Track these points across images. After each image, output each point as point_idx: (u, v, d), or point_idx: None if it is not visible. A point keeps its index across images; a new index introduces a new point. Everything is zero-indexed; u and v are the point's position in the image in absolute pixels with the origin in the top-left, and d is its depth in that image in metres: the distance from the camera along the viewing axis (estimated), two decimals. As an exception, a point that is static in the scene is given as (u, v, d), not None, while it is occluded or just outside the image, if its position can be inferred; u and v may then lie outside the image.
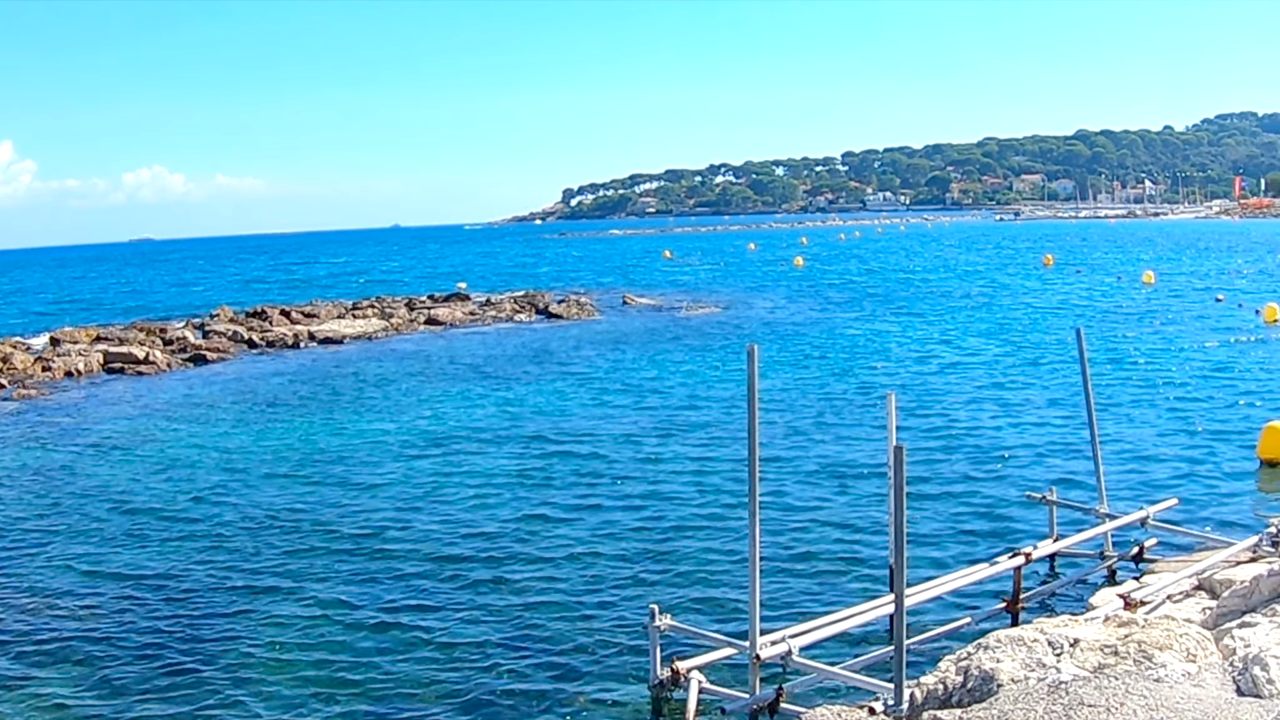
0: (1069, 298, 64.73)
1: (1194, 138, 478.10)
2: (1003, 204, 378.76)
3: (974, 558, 16.26)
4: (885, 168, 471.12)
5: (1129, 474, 22.18)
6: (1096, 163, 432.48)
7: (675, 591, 16.39)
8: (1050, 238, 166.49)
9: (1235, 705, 7.08)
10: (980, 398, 31.53)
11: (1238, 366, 35.83)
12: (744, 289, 79.66)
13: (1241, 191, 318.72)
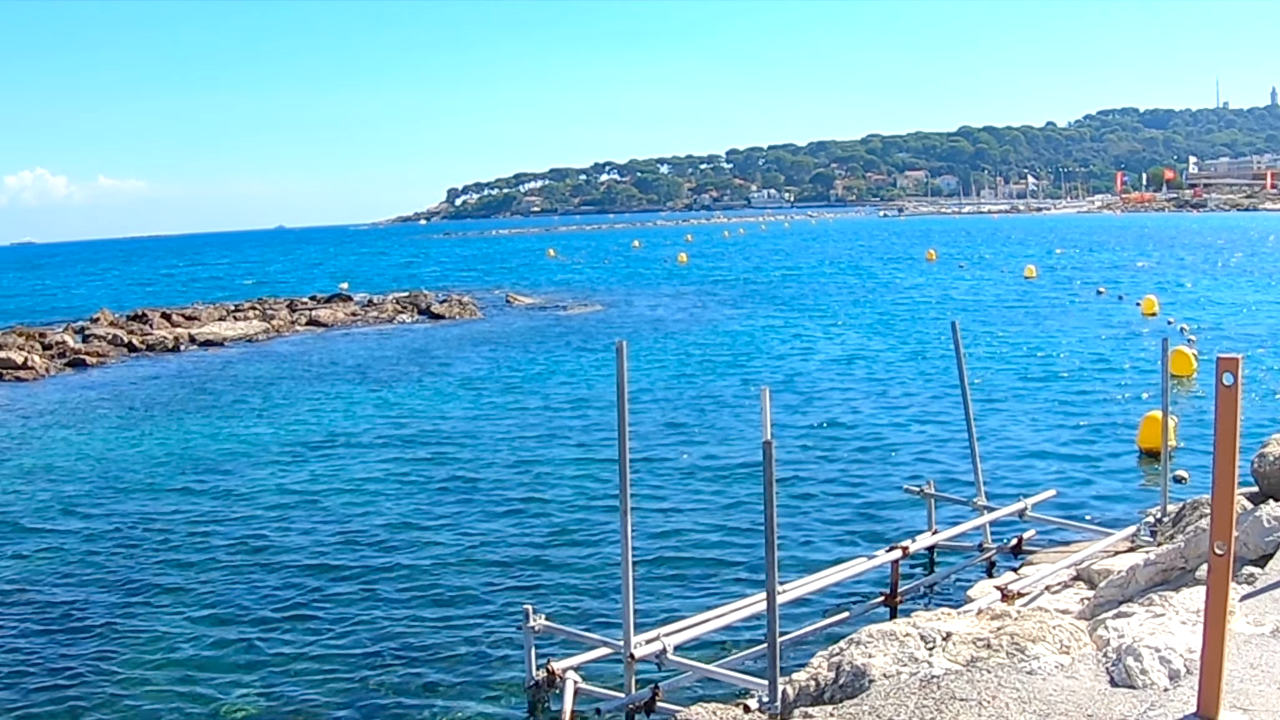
0: (952, 292, 65.58)
1: (1076, 133, 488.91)
2: (887, 200, 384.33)
3: (855, 553, 16.17)
4: (770, 165, 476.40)
5: (1010, 467, 22.33)
6: (980, 159, 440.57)
7: (554, 592, 16.23)
8: (934, 233, 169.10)
9: (1109, 696, 6.97)
10: (862, 393, 31.67)
11: (1118, 358, 36.39)
12: (628, 287, 79.76)
13: (1123, 186, 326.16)
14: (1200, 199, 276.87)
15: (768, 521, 10.79)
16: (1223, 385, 5.94)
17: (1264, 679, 6.91)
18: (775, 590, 10.92)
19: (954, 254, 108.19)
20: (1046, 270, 79.92)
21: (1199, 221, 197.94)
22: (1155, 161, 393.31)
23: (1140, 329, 43.96)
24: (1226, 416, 6.01)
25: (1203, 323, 45.24)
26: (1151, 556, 11.02)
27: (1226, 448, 6.06)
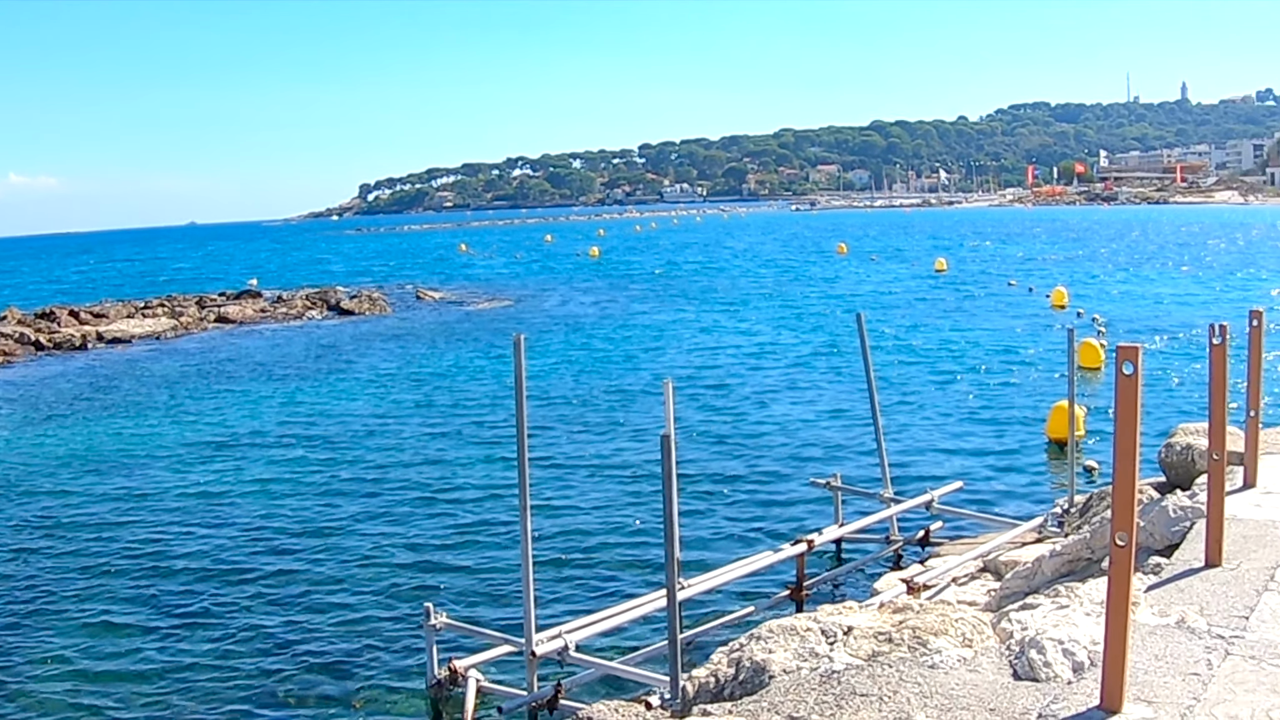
0: (863, 286, 65.99)
1: (988, 127, 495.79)
2: (799, 194, 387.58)
3: (762, 547, 16.04)
4: (682, 160, 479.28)
5: (919, 459, 22.37)
6: (892, 153, 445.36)
7: (458, 591, 16.07)
8: (846, 227, 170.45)
9: (1011, 689, 6.83)
10: (771, 386, 31.65)
11: (1028, 350, 36.67)
12: (539, 281, 79.64)
13: (1034, 180, 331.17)
14: (1111, 192, 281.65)
15: (667, 517, 10.64)
16: (1123, 374, 5.81)
17: (1168, 670, 6.80)
18: (675, 587, 10.80)
19: (866, 247, 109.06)
20: (957, 263, 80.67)
21: (1110, 214, 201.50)
22: (1066, 155, 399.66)
23: (1050, 321, 44.36)
24: (1127, 406, 5.87)
25: (1113, 314, 45.80)
26: (1057, 548, 10.94)
27: (1127, 438, 5.93)
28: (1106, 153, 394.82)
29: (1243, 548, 9.13)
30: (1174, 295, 54.87)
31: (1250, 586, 8.23)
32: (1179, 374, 29.85)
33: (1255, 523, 9.86)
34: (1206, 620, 7.59)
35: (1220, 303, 49.51)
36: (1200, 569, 8.70)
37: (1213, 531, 8.69)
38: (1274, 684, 6.50)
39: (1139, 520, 10.48)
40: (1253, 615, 7.64)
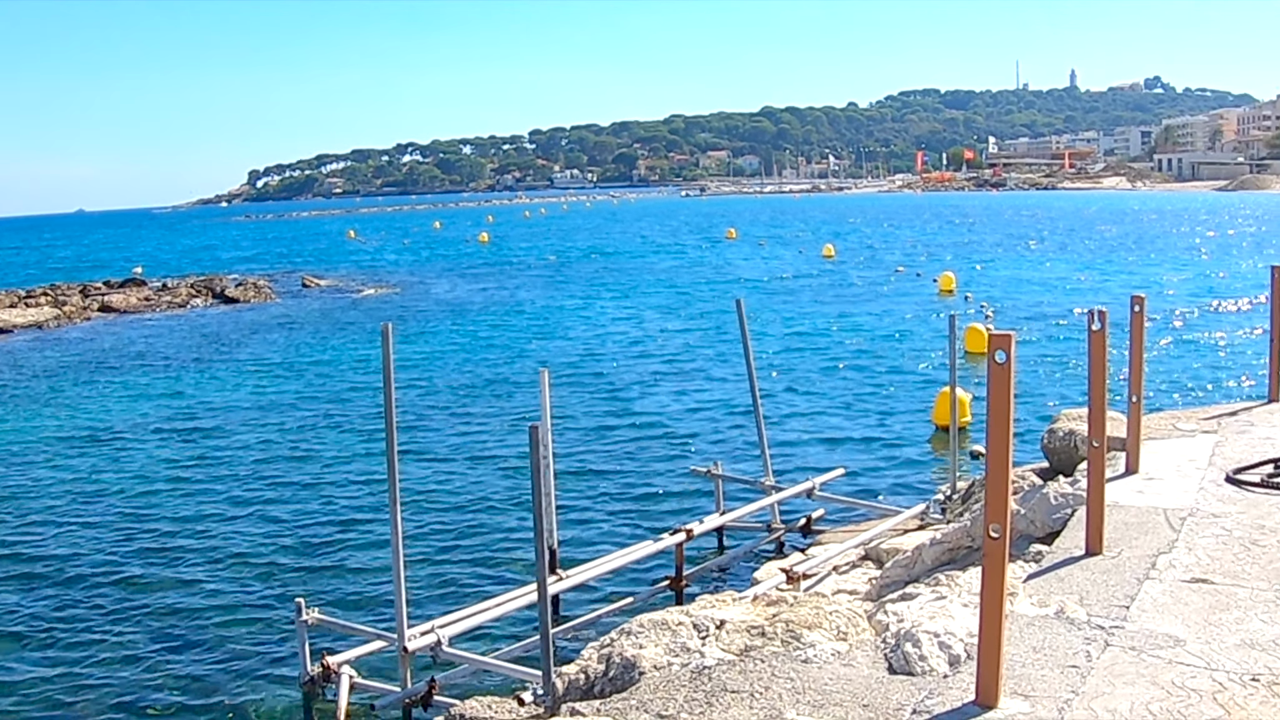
0: (751, 272, 66.14)
1: (878, 114, 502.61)
2: (689, 180, 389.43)
3: (645, 536, 15.89)
4: (573, 146, 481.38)
5: (805, 447, 22.38)
6: (782, 139, 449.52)
7: (333, 585, 15.83)
8: (735, 213, 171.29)
9: (886, 684, 6.69)
10: (656, 373, 31.52)
11: (915, 336, 36.91)
12: (427, 268, 79.13)
13: (923, 166, 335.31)
14: (1000, 178, 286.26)
15: (536, 510, 10.45)
16: (995, 363, 5.67)
17: (1047, 663, 6.68)
18: (545, 579, 10.61)
19: (755, 233, 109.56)
20: (846, 249, 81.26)
21: (998, 200, 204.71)
22: (956, 141, 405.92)
23: (938, 306, 44.74)
24: (999, 394, 5.74)
25: (1001, 299, 46.33)
26: (938, 536, 10.85)
27: (1000, 426, 5.79)
28: (996, 139, 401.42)
29: (1124, 535, 9.07)
30: (1062, 280, 55.70)
31: (1131, 575, 8.16)
32: (1066, 359, 30.18)
33: (1137, 509, 9.82)
34: (1086, 610, 7.50)
35: (1107, 288, 50.30)
36: (1081, 557, 8.62)
37: (1093, 520, 8.62)
38: (1154, 676, 6.40)
39: (1019, 508, 10.43)
40: (1133, 605, 7.56)
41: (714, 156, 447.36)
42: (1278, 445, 12.06)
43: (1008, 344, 5.64)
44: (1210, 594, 7.73)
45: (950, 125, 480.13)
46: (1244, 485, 10.47)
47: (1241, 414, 14.22)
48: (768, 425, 23.19)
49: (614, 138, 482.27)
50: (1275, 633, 6.99)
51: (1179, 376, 28.42)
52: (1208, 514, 9.62)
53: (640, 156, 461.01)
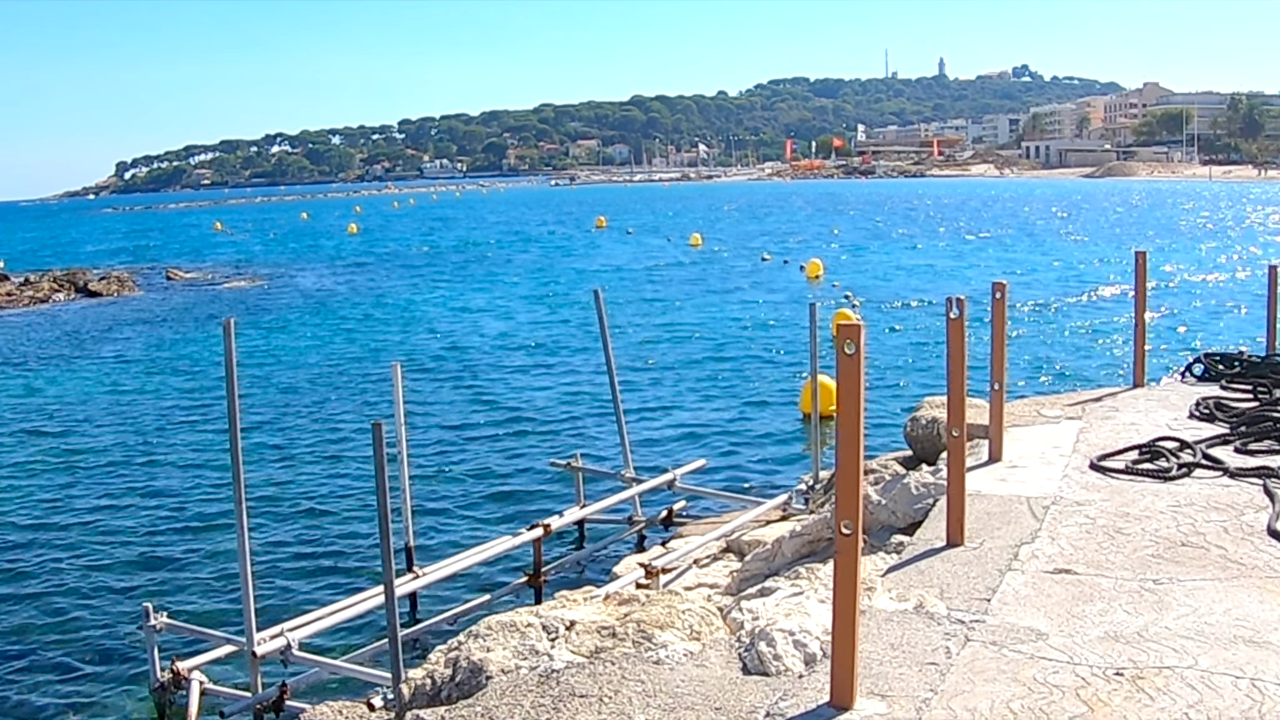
0: (618, 261, 66.05)
1: (747, 102, 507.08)
2: (559, 169, 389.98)
3: (504, 532, 15.56)
4: (442, 135, 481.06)
5: (670, 439, 22.18)
6: (652, 127, 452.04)
7: (185, 589, 15.33)
8: (605, 202, 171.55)
9: (740, 685, 6.47)
10: (521, 365, 31.17)
11: (782, 323, 36.98)
12: (293, 259, 78.02)
13: (793, 154, 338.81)
14: (869, 166, 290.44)
15: (380, 507, 10.35)
16: (844, 354, 5.46)
17: (905, 660, 6.50)
18: (392, 580, 10.41)
19: (624, 222, 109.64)
20: (713, 238, 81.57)
21: (867, 188, 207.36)
22: (825, 130, 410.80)
23: (805, 294, 44.90)
24: (849, 386, 5.53)
25: (868, 286, 46.68)
26: (798, 528, 10.69)
27: (850, 419, 5.58)
28: (865, 127, 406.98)
29: (986, 525, 8.95)
30: (931, 267, 56.38)
31: (993, 566, 8.03)
32: (933, 346, 30.41)
33: (999, 498, 9.73)
34: (946, 604, 7.34)
35: (976, 275, 50.91)
36: (942, 548, 8.48)
37: (953, 510, 8.48)
38: (1015, 672, 6.25)
39: (881, 498, 10.29)
40: (994, 597, 7.42)
41: (584, 145, 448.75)
42: (1142, 431, 12.09)
43: (856, 335, 5.43)
44: (1073, 585, 7.62)
45: (820, 113, 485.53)
46: (1108, 472, 10.44)
47: (1106, 400, 14.28)
48: (631, 417, 23.02)
49: (484, 127, 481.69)
50: (1139, 624, 6.88)
51: (1045, 363, 28.82)
52: (1071, 502, 9.55)
53: (510, 146, 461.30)
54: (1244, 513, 9.09)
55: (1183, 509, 9.24)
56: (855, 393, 5.52)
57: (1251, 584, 7.52)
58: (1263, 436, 11.43)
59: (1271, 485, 9.69)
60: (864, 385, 5.56)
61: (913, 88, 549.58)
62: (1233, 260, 56.82)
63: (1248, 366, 14.93)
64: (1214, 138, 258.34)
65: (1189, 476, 10.24)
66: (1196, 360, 15.77)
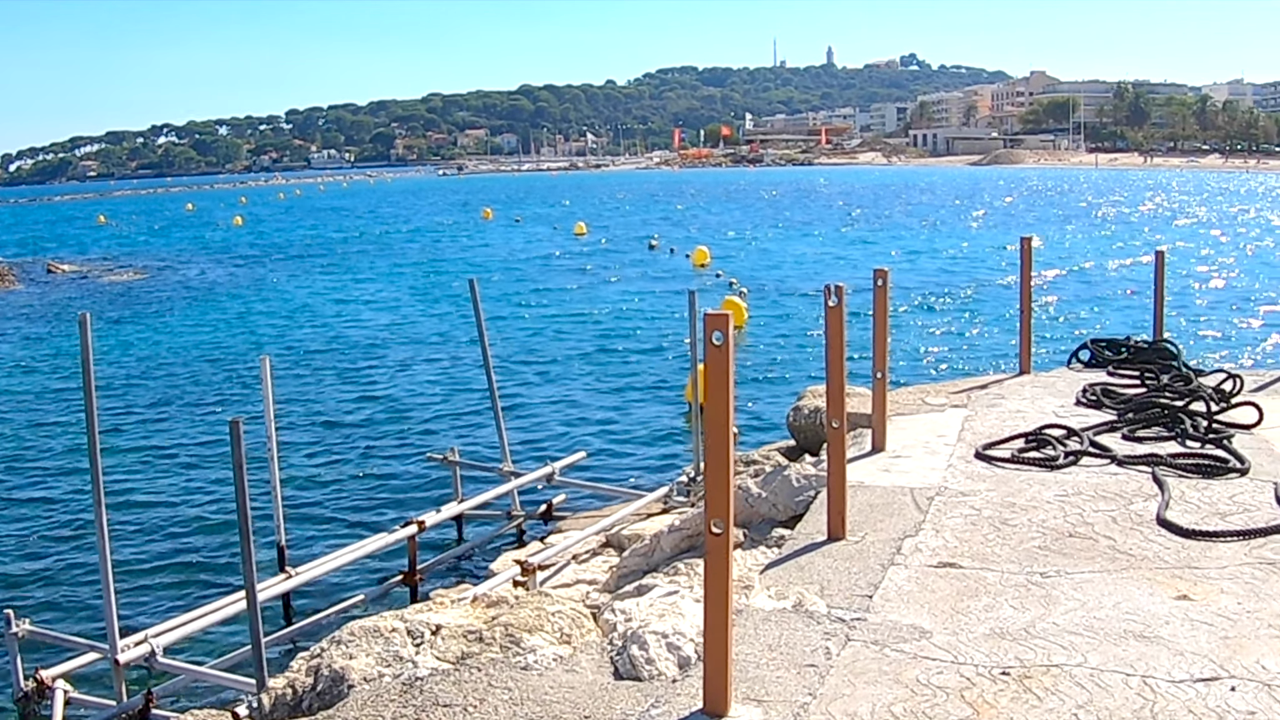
0: (504, 251, 65.54)
1: (636, 91, 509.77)
2: (447, 159, 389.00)
3: (381, 529, 15.13)
4: (330, 125, 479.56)
5: (553, 431, 21.82)
6: (540, 117, 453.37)
7: (49, 594, 14.82)
8: (492, 191, 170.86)
9: (611, 691, 6.20)
10: (404, 358, 30.55)
11: (668, 312, 36.77)
12: (177, 252, 76.46)
13: (681, 142, 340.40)
14: (757, 154, 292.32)
15: (240, 506, 9.97)
16: (712, 344, 5.19)
17: (783, 662, 6.24)
18: (254, 583, 10.10)
19: (511, 212, 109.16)
20: (599, 226, 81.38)
21: (755, 176, 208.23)
22: (714, 118, 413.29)
23: (691, 282, 44.75)
24: (718, 378, 5.26)
25: (756, 273, 46.67)
26: (676, 522, 10.42)
27: (718, 413, 5.30)
28: (753, 116, 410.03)
29: (869, 518, 8.74)
30: (820, 254, 56.52)
31: (875, 561, 7.81)
32: (820, 334, 30.30)
33: (883, 490, 9.53)
34: (827, 602, 7.10)
35: (864, 260, 51.06)
36: (823, 543, 8.25)
37: (834, 504, 8.25)
38: (897, 673, 6.01)
39: (761, 490, 10.04)
40: (876, 594, 7.19)
41: (472, 135, 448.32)
42: (1028, 419, 11.99)
43: (724, 325, 5.17)
44: (958, 579, 7.42)
45: (708, 102, 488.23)
46: (994, 461, 10.30)
47: (992, 387, 14.20)
48: (513, 410, 22.72)
49: (371, 117, 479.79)
50: (1026, 620, 6.69)
51: (932, 350, 28.87)
52: (956, 492, 9.38)
53: (398, 136, 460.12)
54: (1132, 501, 8.98)
55: (1070, 498, 9.10)
56: (724, 385, 5.25)
57: (1141, 575, 7.37)
58: (1150, 423, 11.37)
59: (1160, 473, 9.59)
60: (733, 377, 5.30)
61: (801, 76, 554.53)
62: (1121, 247, 57.63)
63: (1135, 352, 14.96)
64: (1100, 126, 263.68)
65: (1076, 465, 10.13)
66: (1083, 346, 15.78)
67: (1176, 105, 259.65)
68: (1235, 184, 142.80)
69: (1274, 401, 12.68)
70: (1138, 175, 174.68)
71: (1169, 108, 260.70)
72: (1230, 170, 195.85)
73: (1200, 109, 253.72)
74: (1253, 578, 7.26)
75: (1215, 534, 8.07)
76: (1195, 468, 9.76)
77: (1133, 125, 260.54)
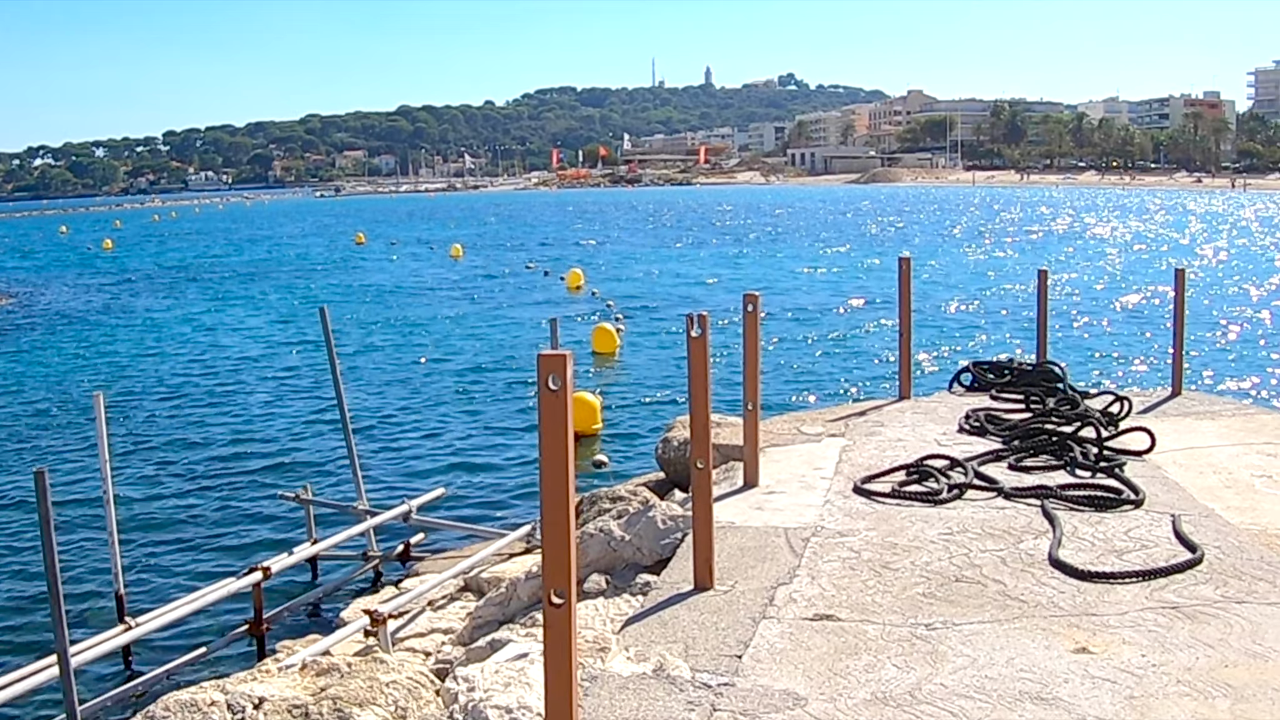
0: (378, 276, 64.17)
1: (515, 111, 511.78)
2: (326, 180, 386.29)
3: (233, 572, 14.10)
4: (208, 147, 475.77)
5: (411, 465, 20.79)
6: (419, 138, 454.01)
7: None
8: (369, 214, 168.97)
9: (448, 776, 5.44)
10: (261, 390, 29.14)
11: (540, 336, 35.84)
12: (46, 276, 73.95)
13: (559, 163, 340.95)
14: (635, 174, 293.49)
15: (47, 565, 9.17)
16: (548, 390, 4.50)
17: (640, 741, 5.54)
18: (66, 650, 9.22)
19: (387, 234, 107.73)
20: (476, 249, 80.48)
21: (633, 195, 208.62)
22: (592, 139, 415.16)
23: (565, 305, 44.07)
24: (554, 428, 4.54)
25: (632, 295, 46.06)
26: (534, 569, 9.68)
27: (556, 470, 4.59)
28: (631, 136, 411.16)
29: (739, 563, 8.08)
30: (698, 276, 56.02)
31: (745, 614, 7.14)
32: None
33: (754, 531, 8.88)
34: (691, 664, 6.41)
35: (742, 282, 50.63)
36: (690, 593, 7.56)
37: (700, 551, 7.56)
38: (767, 749, 5.35)
39: (624, 534, 9.34)
40: (746, 653, 6.52)
41: (350, 156, 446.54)
42: (909, 448, 11.45)
43: (561, 367, 4.47)
44: (836, 634, 6.77)
45: (587, 123, 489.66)
46: (873, 496, 9.71)
47: (871, 414, 13.67)
48: (371, 443, 21.77)
49: (250, 138, 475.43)
50: (911, 681, 6.06)
51: (808, 375, 28.27)
52: (834, 532, 8.76)
53: (276, 157, 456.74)
54: (1022, 539, 8.42)
55: (956, 537, 8.52)
56: (562, 437, 4.56)
57: (1035, 625, 6.78)
58: (1038, 451, 10.87)
59: (1050, 506, 9.07)
60: (570, 425, 4.60)
61: (680, 96, 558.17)
62: (1003, 265, 57.92)
63: (1018, 375, 14.52)
64: (977, 144, 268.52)
65: (961, 498, 9.57)
66: (965, 370, 15.31)
67: (1053, 123, 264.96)
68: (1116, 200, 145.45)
69: (1164, 424, 12.29)
70: (1017, 192, 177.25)
71: (1045, 125, 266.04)
72: (1106, 186, 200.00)
73: (1076, 126, 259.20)
74: (1156, 625, 6.71)
75: (1112, 575, 7.53)
76: (1087, 500, 9.25)
77: (1010, 143, 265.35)
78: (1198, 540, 8.20)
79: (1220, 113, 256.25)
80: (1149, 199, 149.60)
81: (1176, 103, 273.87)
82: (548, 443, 4.56)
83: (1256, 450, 11.34)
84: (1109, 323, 36.30)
